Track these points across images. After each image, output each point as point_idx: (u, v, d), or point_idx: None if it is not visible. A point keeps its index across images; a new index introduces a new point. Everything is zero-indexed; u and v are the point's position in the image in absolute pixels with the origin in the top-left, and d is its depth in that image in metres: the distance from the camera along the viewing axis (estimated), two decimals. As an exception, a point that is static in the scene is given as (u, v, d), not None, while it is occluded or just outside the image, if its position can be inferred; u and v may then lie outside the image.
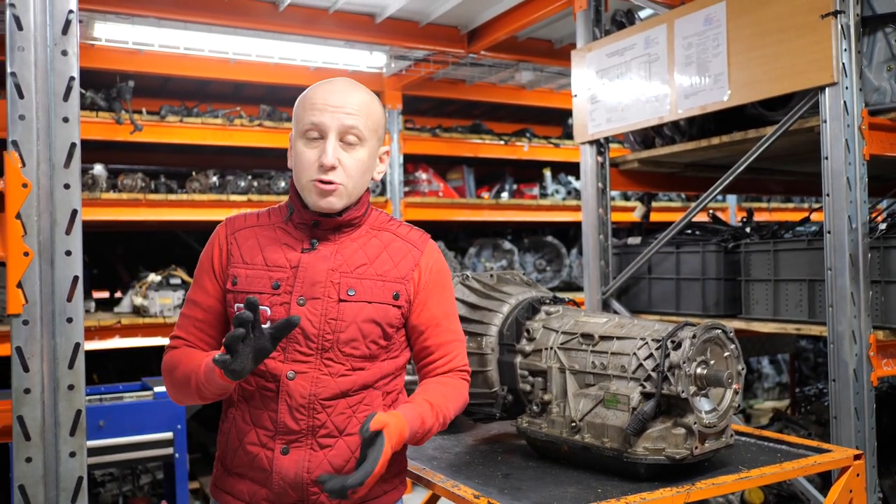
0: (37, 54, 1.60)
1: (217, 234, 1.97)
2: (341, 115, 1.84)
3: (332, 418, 1.83)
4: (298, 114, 1.90)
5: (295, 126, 1.91)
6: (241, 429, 1.87)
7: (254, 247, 1.91)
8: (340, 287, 1.86)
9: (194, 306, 1.93)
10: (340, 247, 1.91)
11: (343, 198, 1.87)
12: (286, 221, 1.95)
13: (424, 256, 1.98)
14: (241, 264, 1.90)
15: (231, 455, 1.89)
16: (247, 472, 1.86)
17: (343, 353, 1.85)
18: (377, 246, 1.94)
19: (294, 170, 1.91)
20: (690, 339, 2.01)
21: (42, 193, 1.60)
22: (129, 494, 5.44)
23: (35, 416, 1.59)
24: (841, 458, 2.23)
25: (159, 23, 4.82)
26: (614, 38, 4.03)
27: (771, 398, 8.45)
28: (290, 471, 1.82)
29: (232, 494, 1.89)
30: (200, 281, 1.94)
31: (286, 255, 1.89)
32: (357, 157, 1.87)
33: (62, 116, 1.65)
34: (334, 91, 1.88)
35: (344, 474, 1.71)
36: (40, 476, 1.58)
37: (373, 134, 1.90)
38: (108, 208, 5.24)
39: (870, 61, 3.06)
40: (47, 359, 1.61)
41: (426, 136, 6.64)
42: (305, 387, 1.82)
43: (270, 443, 1.83)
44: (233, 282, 1.89)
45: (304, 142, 1.87)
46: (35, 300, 1.60)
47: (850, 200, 2.98)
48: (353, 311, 1.86)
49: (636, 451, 2.00)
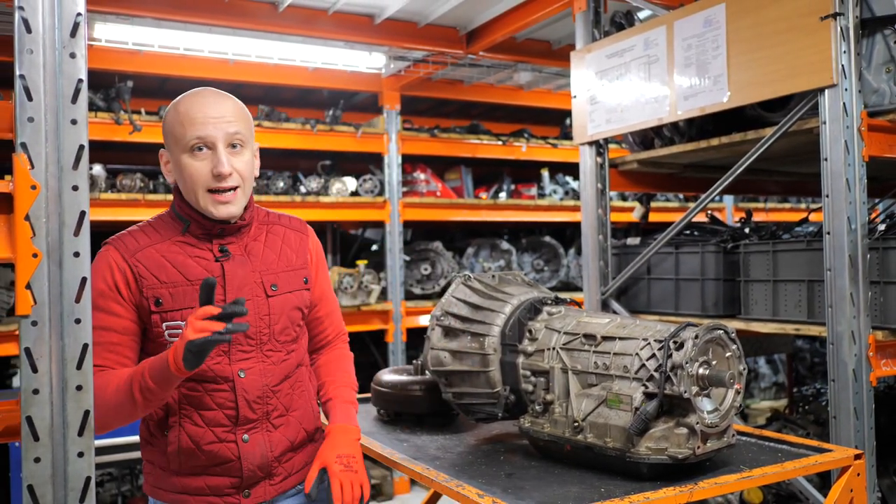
0: (45, 57, 1.60)
1: (109, 259, 1.97)
2: (224, 125, 1.97)
3: (280, 400, 2.07)
4: (177, 131, 1.97)
5: (174, 143, 1.98)
6: (193, 433, 1.98)
7: (164, 265, 1.98)
8: (265, 285, 2.06)
9: (105, 331, 1.93)
10: (248, 248, 2.08)
11: (241, 200, 2.02)
12: (183, 234, 2.03)
13: (310, 240, 2.24)
14: (159, 285, 1.96)
15: (183, 459, 1.99)
16: (205, 470, 2.00)
17: (279, 342, 2.07)
18: (275, 240, 2.14)
19: (185, 184, 1.99)
20: (693, 340, 2.02)
21: (50, 195, 1.60)
22: (128, 494, 5.44)
23: (44, 416, 1.59)
24: (842, 458, 2.24)
25: (159, 23, 4.82)
26: (614, 40, 4.04)
27: (767, 398, 8.46)
28: (256, 454, 2.01)
29: (186, 493, 2.01)
30: (105, 307, 1.94)
31: (203, 267, 2.00)
32: (245, 159, 2.02)
33: (70, 119, 1.64)
34: (208, 103, 1.99)
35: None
36: (49, 476, 1.58)
37: (251, 134, 2.06)
38: (106, 208, 5.24)
39: (869, 63, 3.08)
40: (56, 360, 1.61)
41: (424, 137, 6.65)
42: (257, 380, 2.02)
43: (230, 436, 2.00)
44: (156, 303, 1.96)
45: (190, 156, 1.96)
46: (44, 301, 1.60)
47: (849, 201, 2.99)
48: (280, 303, 2.07)
49: (639, 450, 2.01)
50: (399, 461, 2.29)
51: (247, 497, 2.03)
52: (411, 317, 6.47)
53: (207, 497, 2.01)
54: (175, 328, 1.97)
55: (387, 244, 6.43)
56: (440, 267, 6.83)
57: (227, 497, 2.02)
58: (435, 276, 6.79)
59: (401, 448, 2.45)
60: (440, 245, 6.87)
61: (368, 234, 7.56)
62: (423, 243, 6.91)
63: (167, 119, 2.01)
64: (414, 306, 6.50)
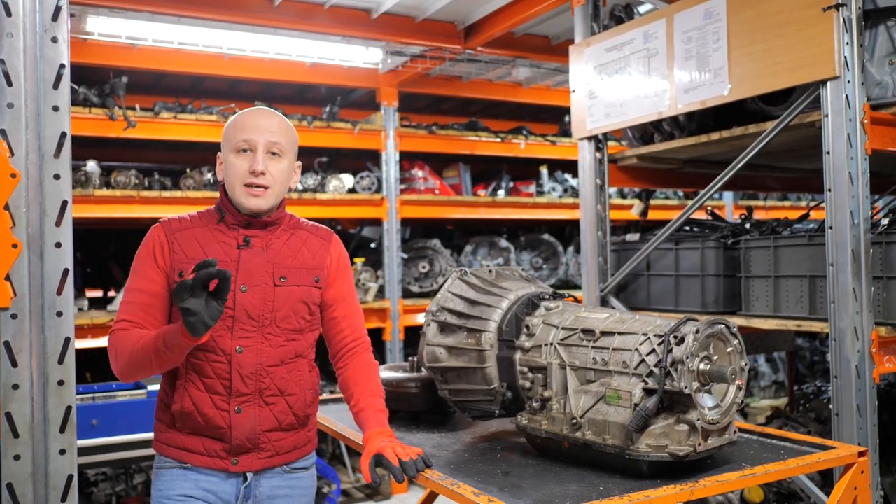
0: (26, 41, 1.56)
1: (155, 234, 2.26)
2: (267, 133, 2.25)
3: (274, 381, 2.23)
4: (230, 135, 2.28)
5: (226, 145, 2.28)
6: (195, 396, 2.19)
7: (194, 246, 2.24)
8: (274, 275, 2.26)
9: (139, 293, 2.20)
10: (269, 243, 2.29)
11: (270, 199, 2.25)
12: (219, 223, 2.29)
13: (332, 247, 2.41)
14: (186, 260, 2.20)
15: (185, 418, 2.20)
16: (201, 431, 2.21)
17: (279, 328, 2.25)
18: (297, 242, 2.35)
19: (227, 178, 2.27)
20: (693, 335, 1.98)
21: (31, 184, 1.56)
22: (123, 494, 5.39)
23: (24, 412, 1.55)
24: (846, 455, 2.20)
25: (153, 17, 4.77)
26: (613, 33, 4.00)
27: (767, 396, 8.43)
28: (245, 426, 2.20)
29: (186, 449, 2.22)
30: (142, 272, 2.22)
31: (225, 252, 2.24)
32: (280, 166, 2.27)
33: (52, 105, 1.61)
34: (260, 116, 2.29)
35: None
36: (29, 474, 1.54)
37: (291, 149, 2.33)
38: (101, 205, 5.20)
39: (871, 55, 3.03)
40: (36, 354, 1.57)
41: (422, 134, 6.61)
42: (252, 357, 2.20)
43: (225, 405, 2.19)
44: (179, 275, 2.19)
45: (236, 155, 2.25)
46: (24, 293, 1.56)
47: (851, 195, 2.95)
48: (286, 294, 2.26)
49: (638, 448, 1.96)
50: (393, 459, 2.24)
51: (235, 464, 2.23)
52: (409, 315, 6.43)
53: (202, 456, 2.22)
54: None
55: (384, 242, 6.39)
56: (438, 265, 6.79)
57: (217, 459, 2.22)
58: (433, 274, 6.74)
59: (396, 446, 2.40)
60: (438, 243, 6.83)
61: (366, 232, 7.52)
62: (421, 241, 6.87)
63: (226, 127, 2.31)
64: (412, 304, 6.46)
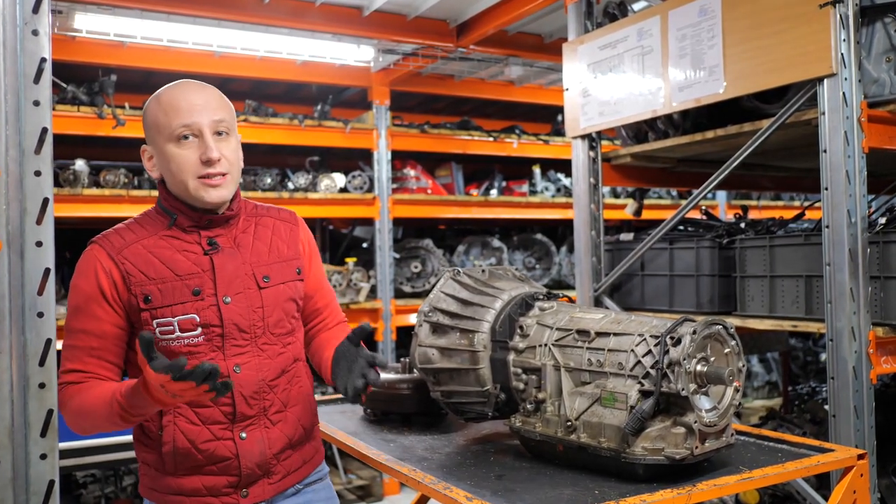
0: (5, 33, 1.52)
1: (94, 259, 1.90)
2: (209, 112, 1.95)
3: (278, 396, 2.02)
4: (161, 121, 1.93)
5: (158, 134, 1.94)
6: (189, 431, 1.92)
7: (152, 261, 1.93)
8: (257, 277, 2.01)
9: (85, 335, 1.87)
10: (237, 240, 2.04)
11: (230, 186, 1.98)
12: (170, 228, 1.98)
13: (301, 230, 2.20)
14: (148, 281, 1.91)
15: (179, 459, 1.93)
16: (201, 469, 1.94)
17: (274, 335, 2.02)
18: (265, 232, 2.10)
19: (172, 174, 1.94)
20: (690, 335, 1.94)
21: (11, 181, 1.52)
22: (112, 496, 5.36)
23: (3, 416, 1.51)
24: (845, 458, 2.17)
25: (142, 14, 4.73)
26: (606, 31, 3.96)
27: (761, 397, 8.41)
28: (254, 451, 1.96)
29: (182, 493, 1.95)
30: (86, 309, 1.88)
31: (192, 261, 1.96)
32: (231, 146, 2.00)
33: (33, 100, 1.56)
34: (191, 90, 1.97)
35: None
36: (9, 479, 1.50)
37: (235, 124, 2.05)
38: (89, 204, 5.15)
39: (869, 52, 3.01)
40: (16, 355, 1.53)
41: (414, 133, 6.57)
42: (253, 374, 1.97)
43: (227, 433, 1.94)
44: (145, 300, 1.90)
45: (177, 144, 1.93)
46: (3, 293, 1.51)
47: (849, 194, 2.92)
48: (274, 295, 2.03)
49: (634, 451, 1.93)
50: (385, 462, 2.21)
51: (245, 497, 1.98)
52: (401, 315, 6.39)
53: (204, 498, 1.95)
54: (166, 325, 1.91)
55: (376, 242, 6.35)
56: (430, 265, 6.75)
57: (224, 497, 1.97)
58: (425, 275, 6.71)
59: (387, 449, 2.37)
60: (430, 243, 6.79)
61: (358, 232, 7.48)
62: (414, 241, 6.84)
63: (149, 111, 1.97)
64: (404, 304, 6.42)
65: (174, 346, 1.91)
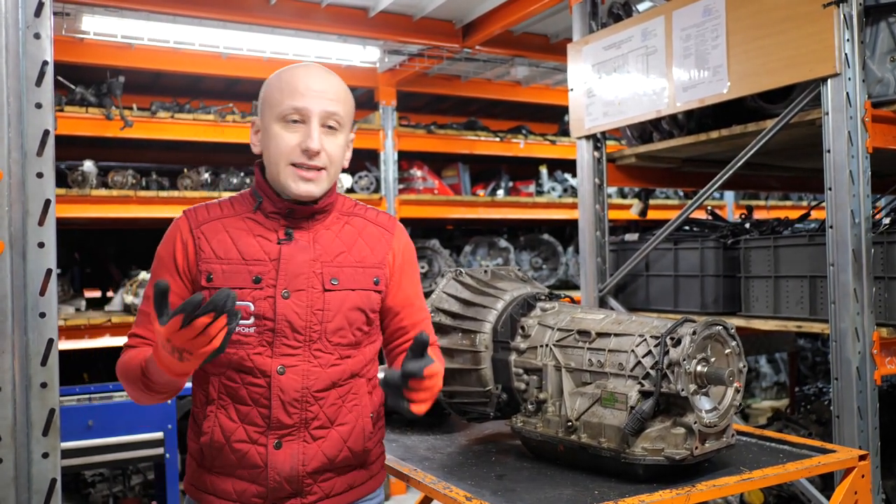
0: (8, 37, 1.53)
1: (177, 228, 1.86)
2: (325, 101, 1.83)
3: (324, 409, 1.83)
4: (274, 97, 1.84)
5: (269, 110, 1.85)
6: (226, 427, 1.81)
7: (225, 240, 1.84)
8: (324, 277, 1.85)
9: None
10: (317, 235, 1.89)
11: (323, 184, 1.85)
12: (255, 211, 1.88)
13: (395, 239, 2.00)
14: (215, 259, 1.82)
15: (214, 454, 1.83)
16: (233, 471, 1.83)
17: (331, 343, 1.85)
18: (351, 233, 1.94)
19: (269, 154, 1.85)
20: (690, 336, 1.95)
21: (13, 182, 1.53)
22: (120, 495, 5.37)
23: (6, 415, 1.52)
24: (846, 459, 2.16)
25: (149, 16, 4.76)
26: (611, 31, 3.96)
27: (769, 398, 8.39)
28: (285, 465, 1.81)
29: (215, 494, 1.85)
30: (160, 276, 1.84)
31: (263, 248, 1.84)
32: (338, 142, 1.87)
33: (35, 102, 1.57)
34: (315, 76, 1.86)
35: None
36: (11, 478, 1.51)
37: (349, 121, 1.91)
38: (98, 205, 5.17)
39: (873, 52, 3.00)
40: (19, 355, 1.54)
41: (421, 133, 6.58)
42: (297, 380, 1.81)
43: (262, 438, 1.81)
44: (207, 278, 1.81)
45: (283, 125, 1.82)
46: (6, 294, 1.53)
47: (853, 194, 2.91)
48: (339, 300, 1.86)
49: (634, 451, 1.93)
50: (387, 462, 2.21)
51: None
52: (407, 315, 6.38)
53: (233, 503, 1.83)
54: None
55: (383, 242, 6.35)
56: (437, 265, 6.76)
57: None
58: (432, 275, 6.71)
59: (389, 448, 2.38)
60: (437, 243, 6.80)
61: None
62: (420, 241, 6.84)
63: (268, 86, 1.88)
64: (411, 304, 6.41)
65: None
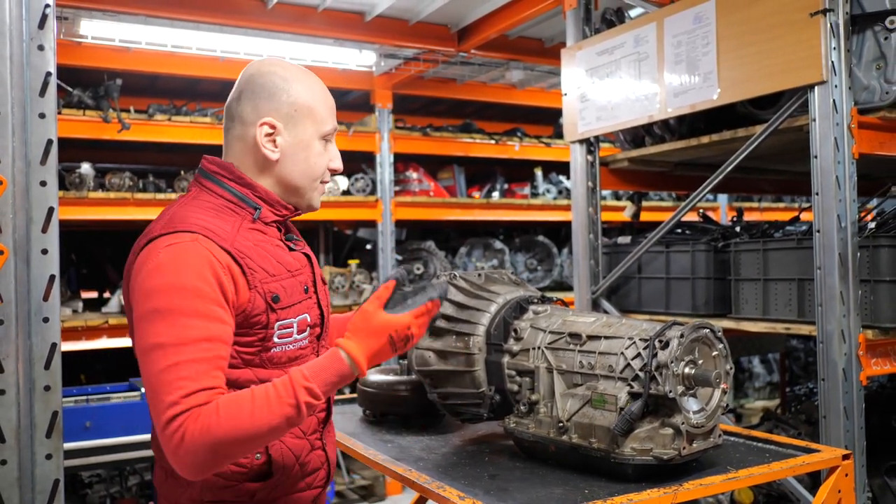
0: (12, 49, 1.57)
1: (206, 252, 1.59)
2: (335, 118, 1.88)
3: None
4: (321, 113, 1.81)
5: (313, 125, 1.80)
6: (295, 447, 1.77)
7: (264, 255, 1.72)
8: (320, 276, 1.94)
9: (210, 345, 1.53)
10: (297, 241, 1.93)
11: None
12: (254, 221, 1.76)
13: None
14: (270, 278, 1.70)
15: (286, 483, 1.76)
16: (295, 486, 1.78)
17: (326, 334, 1.94)
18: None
19: (298, 168, 1.79)
20: (678, 339, 1.99)
21: (17, 191, 1.57)
22: (118, 496, 5.40)
23: (10, 417, 1.56)
24: (829, 458, 2.21)
25: (146, 20, 4.78)
26: (604, 37, 4.01)
27: (762, 397, 8.45)
28: (333, 453, 1.92)
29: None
30: (208, 313, 1.55)
31: (292, 256, 1.81)
32: None
33: (38, 112, 1.61)
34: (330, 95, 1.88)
35: None
36: (15, 479, 1.55)
37: None
38: (95, 207, 5.21)
39: (859, 60, 3.05)
40: (23, 359, 1.58)
41: (416, 136, 6.62)
42: None
43: (318, 441, 1.87)
44: (274, 299, 1.69)
45: (322, 143, 1.83)
46: (10, 299, 1.56)
47: (839, 199, 2.96)
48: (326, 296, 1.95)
49: (624, 451, 1.97)
50: (382, 462, 2.26)
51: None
52: (403, 317, 6.41)
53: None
54: (287, 328, 1.73)
55: (379, 244, 6.40)
56: (433, 266, 6.76)
57: None
58: (427, 276, 6.70)
59: (385, 449, 2.41)
60: (433, 244, 6.77)
61: (361, 234, 7.53)
62: (416, 243, 6.85)
63: (303, 92, 1.79)
64: (406, 306, 6.44)
65: (290, 350, 1.75)
